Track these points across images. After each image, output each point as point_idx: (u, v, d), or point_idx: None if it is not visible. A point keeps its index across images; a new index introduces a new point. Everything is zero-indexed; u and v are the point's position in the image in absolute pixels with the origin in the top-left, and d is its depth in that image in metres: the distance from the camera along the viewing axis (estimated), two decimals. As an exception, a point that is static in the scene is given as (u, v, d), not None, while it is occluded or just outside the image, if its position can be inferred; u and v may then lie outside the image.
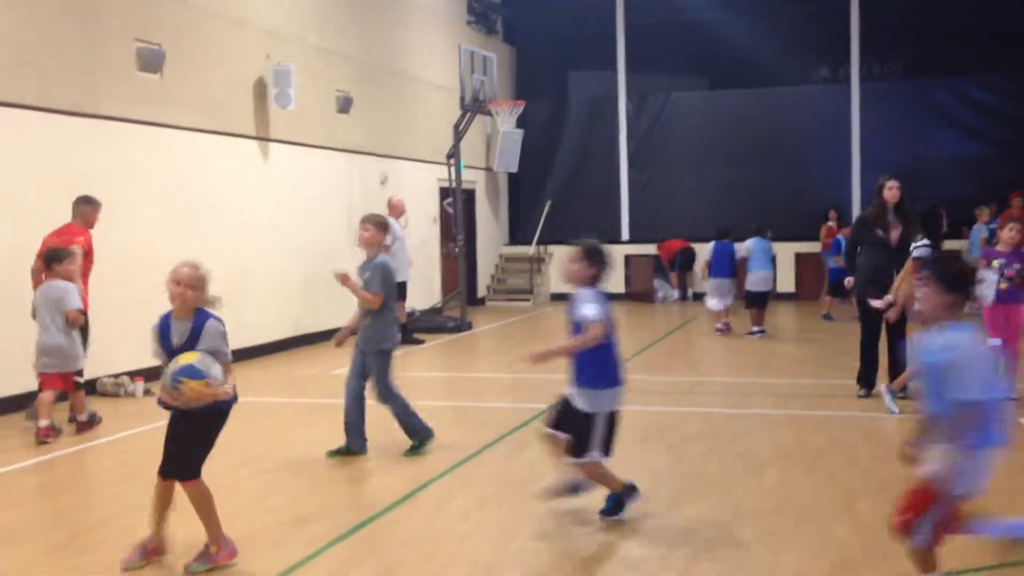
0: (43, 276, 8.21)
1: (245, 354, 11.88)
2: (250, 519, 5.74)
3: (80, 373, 8.35)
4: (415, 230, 16.10)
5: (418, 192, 17.29)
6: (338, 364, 12.09)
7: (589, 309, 5.34)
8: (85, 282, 8.62)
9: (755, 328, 13.97)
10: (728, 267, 14.17)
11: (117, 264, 10.04)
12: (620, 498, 5.63)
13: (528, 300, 20.19)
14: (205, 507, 4.91)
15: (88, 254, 8.65)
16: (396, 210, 14.38)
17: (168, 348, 4.85)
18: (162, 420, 5.14)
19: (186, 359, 4.65)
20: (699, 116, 20.79)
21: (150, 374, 9.64)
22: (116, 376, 10.10)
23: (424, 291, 17.16)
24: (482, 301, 20.25)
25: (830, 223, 18.91)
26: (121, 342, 10.08)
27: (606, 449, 5.50)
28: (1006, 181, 17.46)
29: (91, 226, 8.91)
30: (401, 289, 14.10)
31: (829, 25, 20.02)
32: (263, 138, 13.12)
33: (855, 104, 19.88)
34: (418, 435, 7.29)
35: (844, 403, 8.99)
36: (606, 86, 21.32)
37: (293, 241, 13.60)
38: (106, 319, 9.53)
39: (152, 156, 11.05)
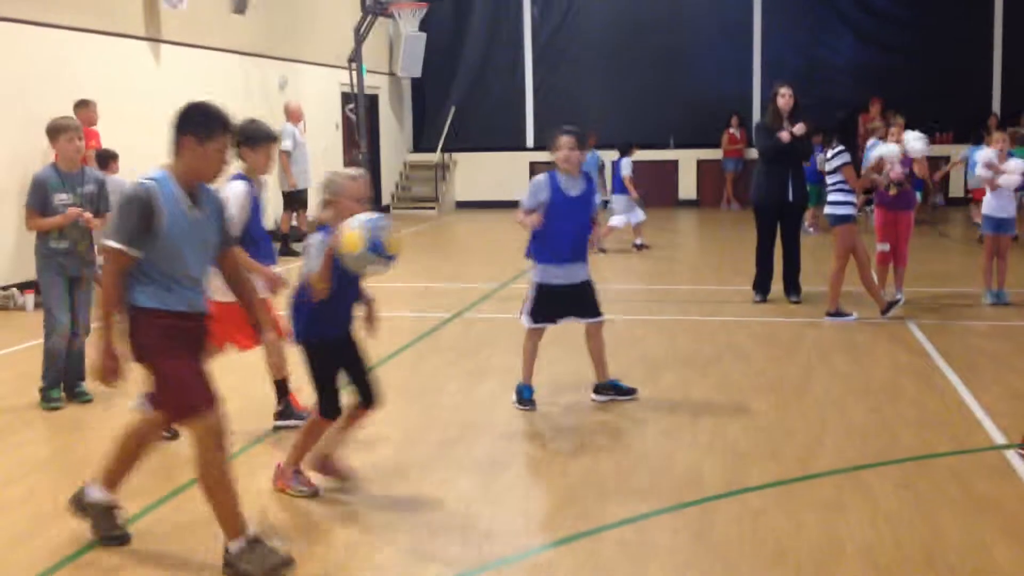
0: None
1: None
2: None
3: None
4: (317, 137, 15.75)
5: (319, 97, 16.86)
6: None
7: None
8: None
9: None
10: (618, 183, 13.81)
11: None
12: (527, 391, 6.09)
13: (433, 208, 20.06)
14: None
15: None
16: (294, 116, 14.04)
17: None
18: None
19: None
20: (603, 19, 20.56)
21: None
22: (4, 288, 9.78)
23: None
24: (387, 209, 20.04)
25: (732, 130, 19.17)
26: (6, 254, 9.69)
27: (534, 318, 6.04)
28: (902, 88, 17.84)
29: (93, 124, 10.20)
30: (302, 197, 13.86)
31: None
32: (154, 39, 12.58)
33: (757, 7, 19.90)
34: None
35: (741, 309, 9.23)
36: (510, -12, 20.93)
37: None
38: (-9, 229, 9.17)
39: (35, 57, 10.50)
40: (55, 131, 6.23)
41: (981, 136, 14.08)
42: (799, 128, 9.00)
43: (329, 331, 4.53)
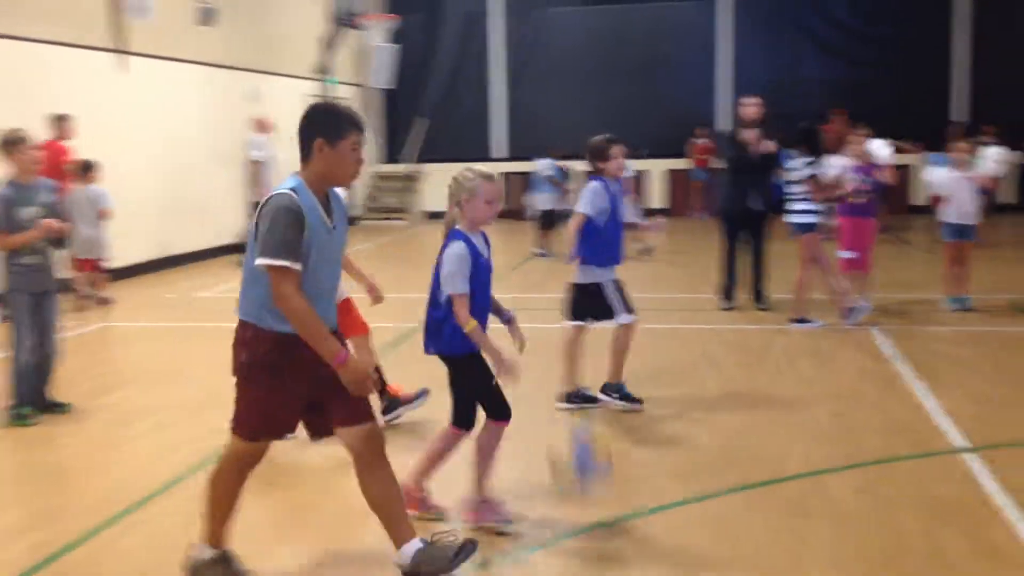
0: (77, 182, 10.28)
1: (112, 275, 11.51)
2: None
3: (103, 259, 10.65)
4: (286, 148, 15.71)
5: (289, 109, 16.80)
6: (203, 286, 11.85)
7: None
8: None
9: (543, 250, 14.07)
10: None
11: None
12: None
13: (403, 219, 20.06)
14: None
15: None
16: (264, 127, 14.03)
17: None
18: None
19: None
20: (574, 32, 20.73)
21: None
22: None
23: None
24: (354, 220, 20.01)
25: (700, 140, 19.32)
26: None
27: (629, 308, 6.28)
28: (869, 100, 18.04)
29: (69, 138, 10.59)
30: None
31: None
32: (121, 51, 12.53)
33: (725, 22, 20.11)
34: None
35: (711, 316, 9.31)
36: (481, 0, 21.02)
37: (156, 160, 13.13)
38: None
39: (1, 70, 10.44)
40: (9, 144, 6.07)
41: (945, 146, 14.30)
42: (752, 134, 9.10)
43: (472, 345, 4.41)
